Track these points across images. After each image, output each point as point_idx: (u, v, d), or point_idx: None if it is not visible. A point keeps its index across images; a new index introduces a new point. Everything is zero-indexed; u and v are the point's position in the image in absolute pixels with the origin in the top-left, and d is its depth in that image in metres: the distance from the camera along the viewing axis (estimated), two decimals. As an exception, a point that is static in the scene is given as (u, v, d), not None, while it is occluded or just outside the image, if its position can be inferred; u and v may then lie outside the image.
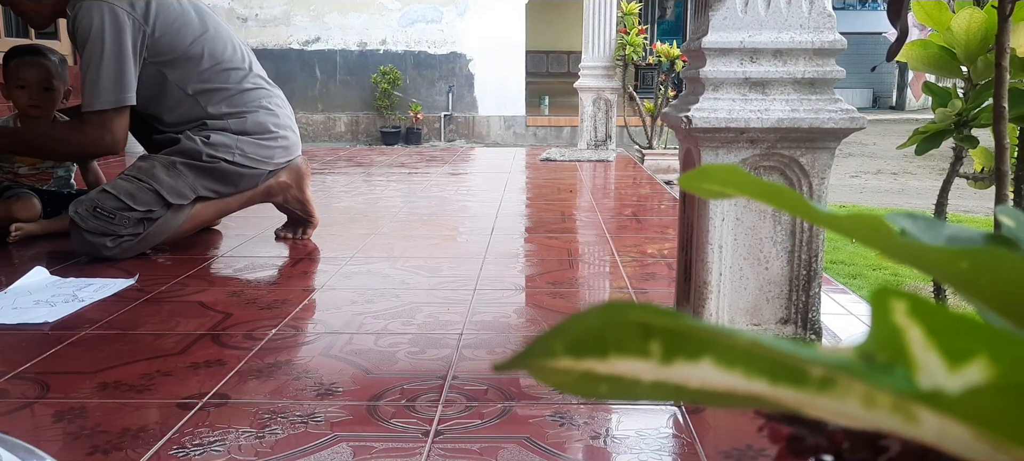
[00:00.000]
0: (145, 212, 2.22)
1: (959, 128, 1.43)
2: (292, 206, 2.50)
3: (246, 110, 2.34)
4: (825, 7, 1.37)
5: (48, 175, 2.64)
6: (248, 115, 2.34)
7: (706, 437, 1.15)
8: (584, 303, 1.91)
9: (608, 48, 5.80)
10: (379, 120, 9.60)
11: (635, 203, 3.47)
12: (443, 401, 1.27)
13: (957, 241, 0.28)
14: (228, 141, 2.30)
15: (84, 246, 2.20)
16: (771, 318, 1.44)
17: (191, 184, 2.28)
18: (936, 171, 7.09)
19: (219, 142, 2.29)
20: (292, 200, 2.48)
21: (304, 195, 2.50)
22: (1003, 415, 0.20)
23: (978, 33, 1.34)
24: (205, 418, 1.20)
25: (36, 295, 1.87)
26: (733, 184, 0.27)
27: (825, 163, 1.39)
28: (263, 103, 2.38)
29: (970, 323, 0.20)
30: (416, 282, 2.01)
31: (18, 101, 2.53)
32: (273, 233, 2.59)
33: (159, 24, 2.23)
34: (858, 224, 0.25)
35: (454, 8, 9.61)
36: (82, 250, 2.21)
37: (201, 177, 2.28)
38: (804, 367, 0.21)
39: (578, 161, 5.08)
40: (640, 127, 6.42)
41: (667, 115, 1.49)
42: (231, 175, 2.32)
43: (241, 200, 2.42)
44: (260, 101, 2.38)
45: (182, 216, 2.30)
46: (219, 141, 2.29)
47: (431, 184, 4.01)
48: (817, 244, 1.42)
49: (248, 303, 1.82)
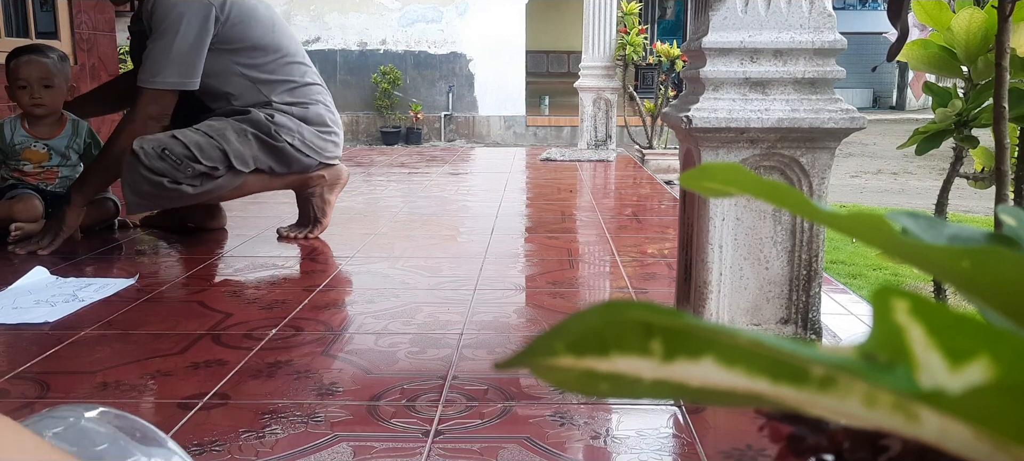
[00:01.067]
0: (209, 168, 2.29)
1: (959, 128, 1.43)
2: (315, 203, 2.55)
3: (308, 102, 2.46)
4: (825, 7, 1.37)
5: (53, 174, 2.63)
6: (310, 106, 2.45)
7: (706, 437, 1.15)
8: (584, 303, 1.91)
9: (608, 48, 5.80)
10: (379, 120, 9.60)
11: (635, 203, 3.47)
12: (443, 401, 1.27)
13: (958, 240, 0.28)
14: (292, 125, 2.40)
15: (139, 183, 2.24)
16: (771, 318, 1.44)
17: (254, 155, 2.36)
18: (936, 171, 7.09)
19: (284, 124, 2.39)
20: (318, 197, 2.55)
21: (331, 197, 2.57)
22: (1004, 415, 0.20)
23: (978, 33, 1.34)
24: (205, 418, 1.20)
25: (36, 295, 1.87)
26: (734, 183, 0.27)
27: (825, 163, 1.39)
28: (322, 99, 2.51)
29: (971, 323, 0.20)
30: (416, 282, 2.01)
31: (21, 101, 2.53)
32: (276, 231, 2.59)
33: (233, 15, 2.34)
34: (859, 223, 0.25)
35: (454, 8, 9.61)
36: (133, 188, 2.25)
37: (264, 151, 2.38)
38: (805, 366, 0.21)
39: (578, 161, 5.08)
40: (640, 127, 6.42)
41: (667, 115, 1.49)
42: (290, 158, 2.41)
43: (283, 182, 2.49)
44: (320, 96, 2.51)
45: (237, 182, 2.38)
46: (284, 123, 2.39)
47: (431, 184, 4.01)
48: (817, 244, 1.42)
49: (248, 303, 1.82)
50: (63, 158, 2.63)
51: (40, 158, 2.60)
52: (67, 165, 2.65)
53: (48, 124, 2.60)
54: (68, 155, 2.64)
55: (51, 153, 2.61)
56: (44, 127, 2.60)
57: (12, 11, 4.42)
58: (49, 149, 2.60)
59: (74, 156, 2.66)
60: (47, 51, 2.59)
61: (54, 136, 2.60)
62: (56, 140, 2.61)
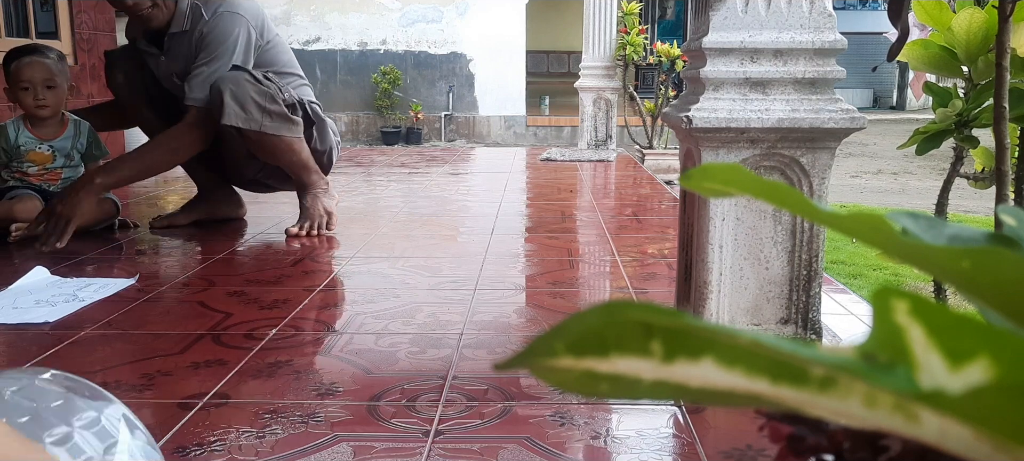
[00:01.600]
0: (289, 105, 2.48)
1: (959, 128, 1.42)
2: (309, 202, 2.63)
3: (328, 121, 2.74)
4: (825, 7, 1.37)
5: (56, 176, 2.64)
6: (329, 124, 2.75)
7: (706, 437, 1.15)
8: (584, 303, 1.91)
9: (608, 48, 5.80)
10: (379, 120, 9.60)
11: (635, 203, 3.47)
12: (443, 401, 1.27)
13: (958, 240, 0.28)
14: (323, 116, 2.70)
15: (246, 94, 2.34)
16: (771, 318, 1.44)
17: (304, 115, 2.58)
18: (936, 171, 7.09)
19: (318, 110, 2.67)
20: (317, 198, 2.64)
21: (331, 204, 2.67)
22: (1004, 415, 0.20)
23: (979, 33, 1.34)
24: (205, 418, 1.20)
25: (36, 295, 1.87)
26: (735, 183, 0.27)
27: (825, 163, 1.39)
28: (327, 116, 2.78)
29: (971, 323, 0.20)
30: (416, 282, 2.01)
31: (24, 102, 2.54)
32: (284, 232, 2.60)
33: (266, 39, 2.56)
34: (859, 223, 0.25)
35: (454, 8, 9.61)
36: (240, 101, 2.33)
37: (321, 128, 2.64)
38: (805, 367, 0.21)
39: (578, 161, 5.08)
40: (640, 127, 6.42)
41: (667, 115, 1.49)
42: (326, 134, 2.68)
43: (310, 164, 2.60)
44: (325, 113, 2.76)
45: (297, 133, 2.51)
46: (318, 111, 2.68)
47: (431, 184, 4.01)
48: (817, 244, 1.42)
49: (248, 303, 1.82)
50: (67, 159, 2.64)
51: (44, 159, 2.60)
52: (70, 166, 2.66)
53: (51, 125, 2.60)
54: (72, 156, 2.65)
55: (55, 154, 2.61)
56: (47, 128, 2.60)
57: (12, 11, 4.43)
58: (53, 150, 2.61)
59: (77, 156, 2.67)
60: (46, 51, 2.59)
61: (57, 137, 2.61)
62: (59, 141, 2.61)
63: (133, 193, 3.54)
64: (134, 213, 2.96)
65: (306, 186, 2.63)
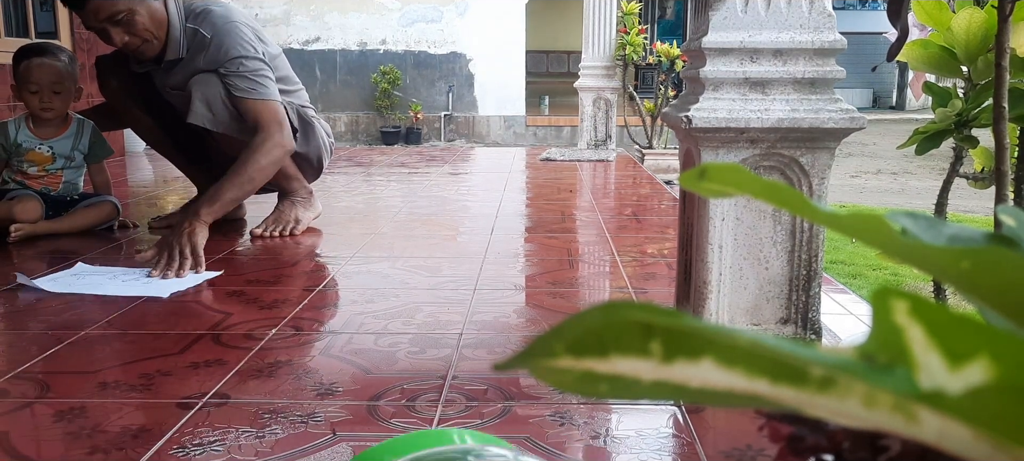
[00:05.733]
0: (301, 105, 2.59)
1: (959, 128, 1.42)
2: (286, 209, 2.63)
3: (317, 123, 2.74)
4: (825, 7, 1.37)
5: (57, 179, 2.62)
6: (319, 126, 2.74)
7: (706, 437, 1.15)
8: (584, 303, 1.91)
9: (608, 48, 5.80)
10: (379, 120, 9.60)
11: (635, 203, 3.47)
12: (443, 401, 1.27)
13: (958, 240, 0.28)
14: None
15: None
16: (771, 318, 1.44)
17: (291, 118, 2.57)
18: (936, 171, 7.09)
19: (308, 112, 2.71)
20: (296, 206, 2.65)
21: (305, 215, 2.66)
22: (1004, 415, 0.20)
23: (978, 33, 1.34)
24: (205, 418, 1.20)
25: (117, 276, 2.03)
26: (734, 183, 0.27)
27: (825, 163, 1.39)
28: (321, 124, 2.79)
29: (971, 323, 0.20)
30: (416, 282, 2.01)
31: (30, 104, 2.52)
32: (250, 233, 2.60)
33: (268, 48, 2.53)
34: (859, 223, 0.25)
35: (454, 8, 9.61)
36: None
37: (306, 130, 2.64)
38: (805, 367, 0.21)
39: (578, 161, 5.08)
40: (640, 127, 6.42)
41: (667, 115, 1.49)
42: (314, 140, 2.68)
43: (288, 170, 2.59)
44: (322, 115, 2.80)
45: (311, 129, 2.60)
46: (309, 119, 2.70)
47: (431, 184, 4.01)
48: (817, 244, 1.42)
49: (248, 303, 1.82)
50: (67, 160, 2.62)
51: (44, 160, 2.59)
52: (71, 167, 2.64)
53: (53, 124, 2.59)
54: (72, 156, 2.63)
55: (55, 155, 2.59)
56: (49, 127, 2.58)
57: (12, 11, 4.42)
58: (53, 151, 2.59)
59: (79, 157, 2.64)
60: (58, 53, 2.57)
61: (58, 136, 2.59)
62: (60, 141, 2.59)
63: (133, 193, 3.54)
64: (133, 213, 2.96)
65: (286, 192, 2.65)
